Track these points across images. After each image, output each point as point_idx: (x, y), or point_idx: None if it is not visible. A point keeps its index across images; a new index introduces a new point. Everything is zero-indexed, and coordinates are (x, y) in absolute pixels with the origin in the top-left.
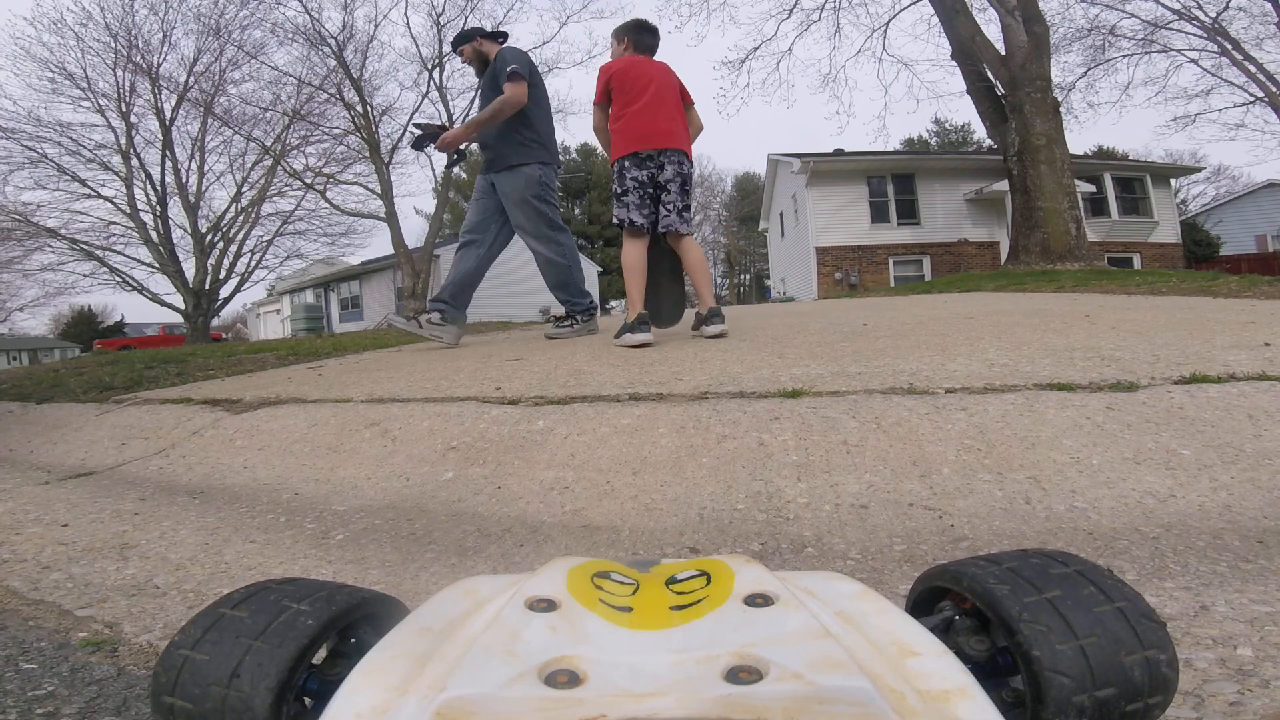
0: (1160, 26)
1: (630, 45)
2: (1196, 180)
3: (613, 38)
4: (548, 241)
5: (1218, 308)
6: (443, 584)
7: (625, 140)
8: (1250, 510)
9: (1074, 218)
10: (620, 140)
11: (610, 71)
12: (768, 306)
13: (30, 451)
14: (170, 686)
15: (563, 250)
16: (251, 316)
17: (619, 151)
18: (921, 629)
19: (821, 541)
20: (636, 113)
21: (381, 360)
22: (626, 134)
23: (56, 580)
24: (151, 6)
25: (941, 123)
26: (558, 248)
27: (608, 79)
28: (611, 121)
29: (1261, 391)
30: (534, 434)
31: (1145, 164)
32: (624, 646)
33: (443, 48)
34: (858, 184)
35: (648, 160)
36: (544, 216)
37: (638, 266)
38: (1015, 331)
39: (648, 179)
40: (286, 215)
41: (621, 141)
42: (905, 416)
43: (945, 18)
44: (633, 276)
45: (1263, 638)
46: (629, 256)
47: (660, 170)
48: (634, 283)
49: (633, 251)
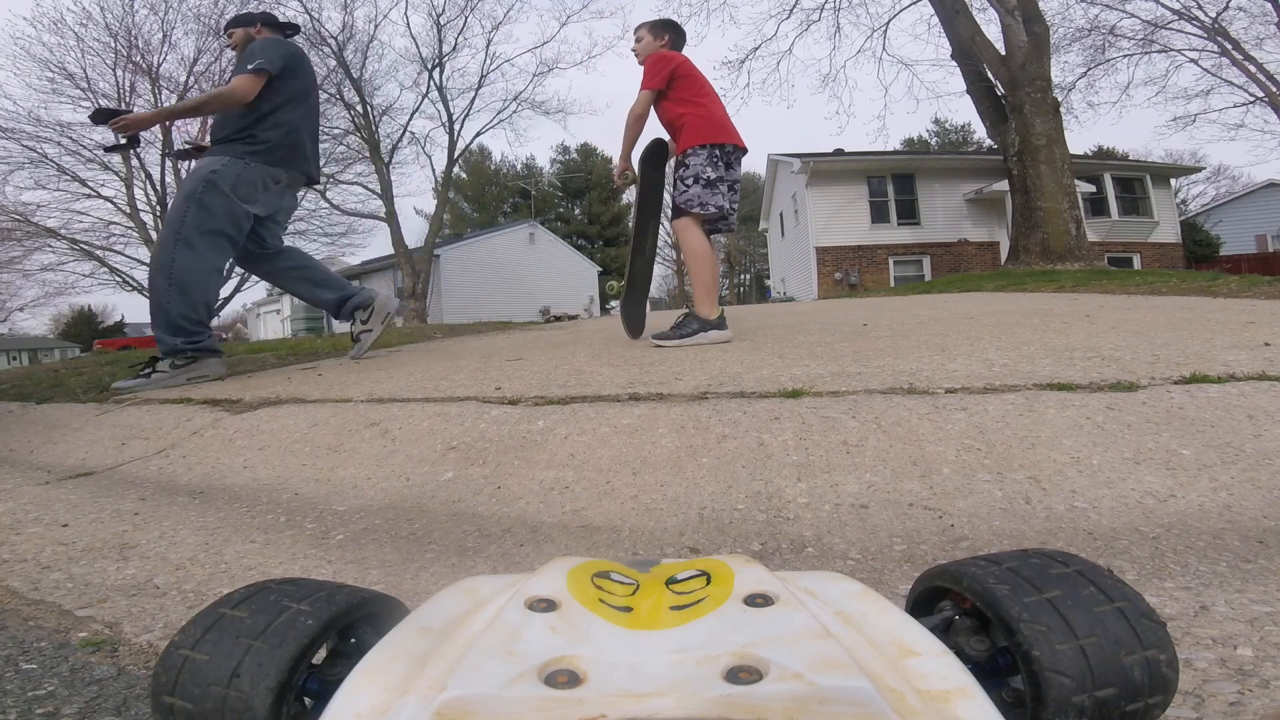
0: (1160, 26)
1: (670, 42)
2: (1196, 180)
3: (647, 32)
4: (168, 251)
5: (1218, 308)
6: (443, 584)
7: (710, 128)
8: (1250, 510)
9: (1074, 218)
10: (703, 126)
11: (677, 61)
12: (768, 306)
13: (30, 451)
14: (170, 686)
15: (172, 268)
16: (251, 316)
17: (703, 138)
18: (921, 629)
19: (821, 541)
20: (712, 103)
21: (381, 360)
22: (710, 122)
23: (56, 580)
24: (151, 6)
25: (941, 123)
26: (171, 263)
27: (674, 68)
28: (679, 106)
29: (1261, 391)
30: (534, 434)
31: (1145, 164)
32: (624, 646)
33: (442, 48)
34: (858, 184)
35: (732, 154)
36: (193, 217)
37: (713, 256)
38: (1015, 331)
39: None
40: None
41: (705, 128)
42: (905, 416)
43: (945, 18)
44: (710, 266)
45: (1263, 638)
46: (704, 244)
47: (730, 169)
48: (712, 274)
49: (705, 240)
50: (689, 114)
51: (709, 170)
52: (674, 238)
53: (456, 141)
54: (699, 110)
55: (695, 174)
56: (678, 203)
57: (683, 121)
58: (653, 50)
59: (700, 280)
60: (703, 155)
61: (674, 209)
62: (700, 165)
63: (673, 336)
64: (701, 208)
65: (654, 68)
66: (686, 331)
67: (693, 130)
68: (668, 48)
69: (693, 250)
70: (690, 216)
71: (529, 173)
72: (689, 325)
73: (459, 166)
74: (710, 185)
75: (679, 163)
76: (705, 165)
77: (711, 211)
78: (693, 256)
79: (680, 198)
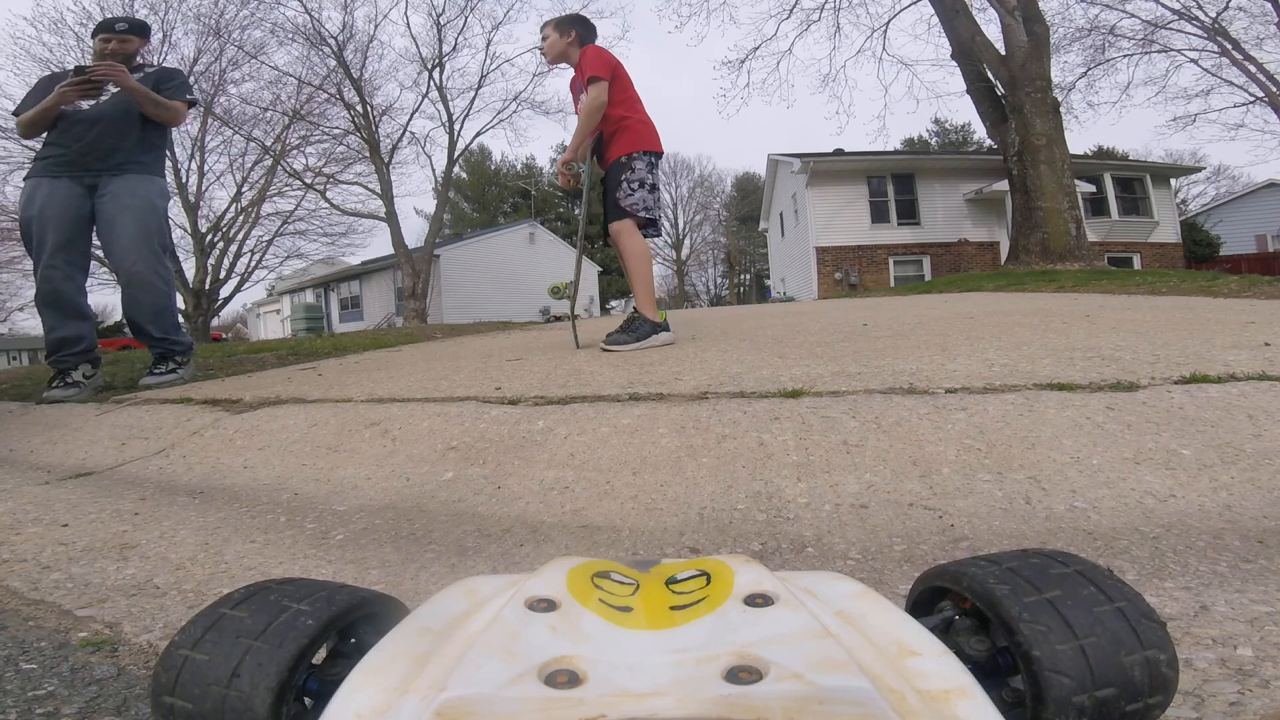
0: (1160, 26)
1: (578, 38)
2: (1196, 180)
3: (553, 29)
4: (157, 260)
5: (1218, 308)
6: (443, 584)
7: (650, 137)
8: (1250, 510)
9: (1074, 218)
10: (646, 133)
11: (615, 62)
12: (767, 306)
13: (30, 451)
14: (170, 686)
15: (168, 275)
16: (251, 316)
17: (643, 145)
18: (921, 629)
19: (821, 541)
20: (646, 113)
21: (381, 360)
22: (652, 129)
23: (56, 580)
24: (151, 6)
25: (941, 123)
26: (166, 270)
27: (616, 66)
28: (619, 109)
29: (1261, 391)
30: (534, 434)
31: (1145, 164)
32: (624, 646)
33: (442, 48)
34: (858, 184)
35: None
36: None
37: (650, 259)
38: (1015, 331)
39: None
40: (286, 215)
41: (647, 135)
42: (905, 416)
43: (945, 18)
44: (649, 267)
45: (1263, 638)
46: (645, 247)
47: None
48: (651, 275)
49: (646, 243)
50: (632, 118)
51: (649, 177)
52: (612, 240)
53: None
54: (641, 116)
55: (641, 179)
56: (623, 205)
57: (625, 124)
58: (560, 49)
59: (645, 282)
60: (646, 161)
61: (613, 211)
62: (644, 171)
63: (627, 340)
64: (647, 212)
65: (598, 57)
66: (641, 334)
67: (637, 136)
68: (577, 45)
69: (636, 253)
70: (633, 219)
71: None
72: (641, 327)
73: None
74: (653, 191)
75: (622, 165)
76: (647, 172)
77: (654, 214)
78: (636, 259)
79: (626, 200)
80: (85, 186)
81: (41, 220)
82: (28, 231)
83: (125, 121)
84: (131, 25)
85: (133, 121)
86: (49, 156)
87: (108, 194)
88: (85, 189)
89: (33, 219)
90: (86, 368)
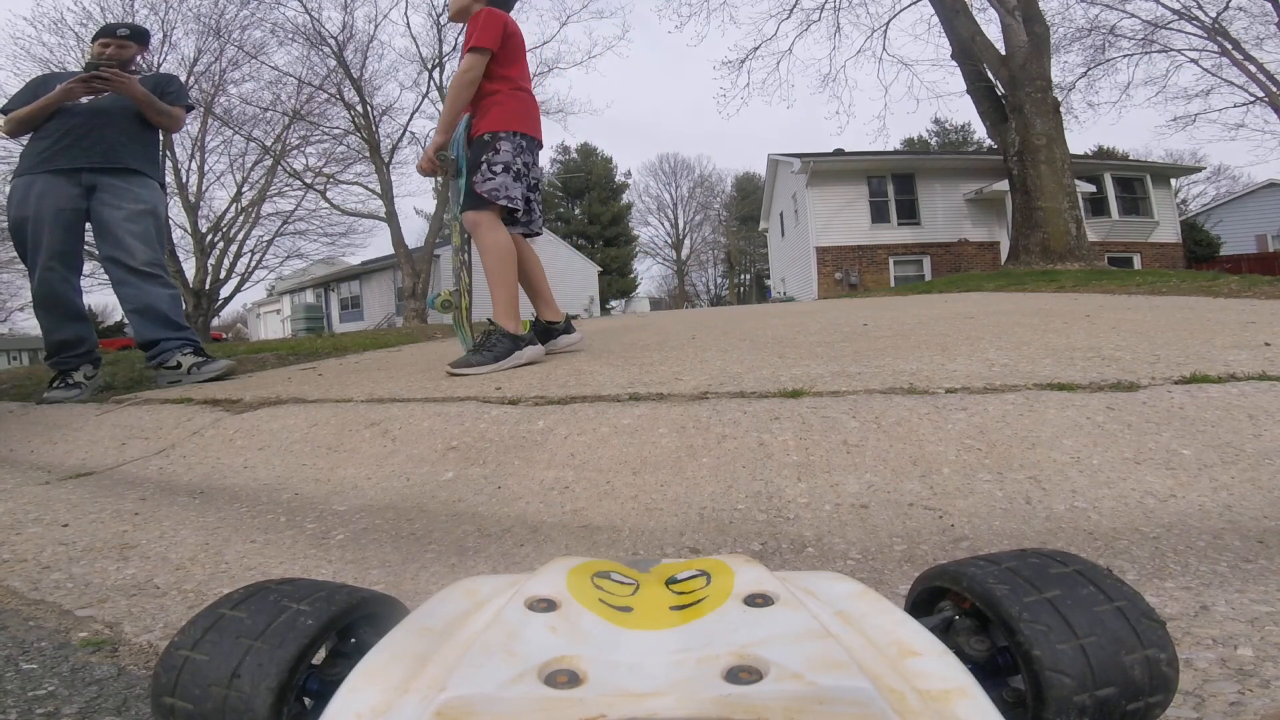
0: (1160, 26)
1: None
2: (1196, 180)
3: None
4: (161, 267)
5: (1218, 308)
6: (443, 584)
7: (525, 118)
8: (1251, 510)
9: (1074, 218)
10: (523, 112)
11: (506, 23)
12: (767, 306)
13: (30, 451)
14: (170, 687)
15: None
16: (251, 316)
17: (515, 124)
18: (921, 629)
19: (821, 541)
20: (529, 90)
21: (381, 360)
22: (528, 111)
23: (57, 580)
24: (151, 6)
25: (941, 123)
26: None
27: (504, 28)
28: (497, 83)
29: (1262, 391)
30: (534, 434)
31: (1145, 164)
32: (624, 646)
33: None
34: (858, 184)
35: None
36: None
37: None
38: (1015, 331)
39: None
40: (286, 215)
41: (523, 114)
42: (905, 416)
43: (945, 18)
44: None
45: (1263, 638)
46: (508, 243)
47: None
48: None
49: (509, 238)
50: (504, 92)
51: (517, 161)
52: (468, 234)
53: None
54: (519, 96)
55: (506, 162)
56: (479, 191)
57: (497, 100)
58: (463, 3)
59: (506, 286)
60: (515, 143)
61: (469, 198)
62: (510, 154)
63: (481, 361)
64: (508, 200)
65: (488, 23)
66: (499, 352)
67: (509, 113)
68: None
69: (495, 249)
70: (492, 210)
71: None
72: (499, 344)
73: None
74: (518, 177)
75: (485, 144)
76: (514, 155)
77: (517, 204)
78: (493, 257)
79: (483, 185)
80: (82, 186)
81: (37, 220)
82: (20, 231)
83: (124, 118)
84: (133, 32)
85: (131, 119)
86: (42, 150)
87: (106, 196)
88: (82, 189)
89: (26, 219)
90: (88, 368)
